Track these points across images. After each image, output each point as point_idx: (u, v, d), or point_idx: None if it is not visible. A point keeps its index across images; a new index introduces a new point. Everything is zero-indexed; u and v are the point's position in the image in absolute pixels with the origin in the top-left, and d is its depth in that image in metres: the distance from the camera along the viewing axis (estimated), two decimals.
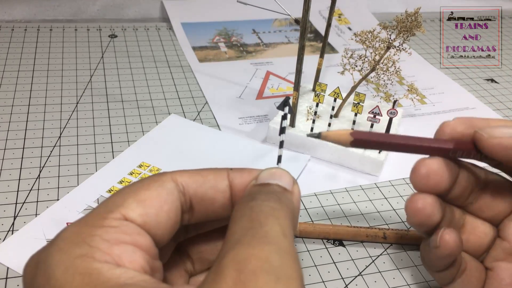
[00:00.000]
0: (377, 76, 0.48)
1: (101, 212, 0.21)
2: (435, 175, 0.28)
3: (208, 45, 0.71)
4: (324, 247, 0.39)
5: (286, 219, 0.21)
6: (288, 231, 0.21)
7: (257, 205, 0.22)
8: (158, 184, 0.22)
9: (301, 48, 0.45)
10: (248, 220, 0.21)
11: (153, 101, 0.57)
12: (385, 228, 0.40)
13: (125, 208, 0.21)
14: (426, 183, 0.28)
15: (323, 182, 0.47)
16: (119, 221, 0.20)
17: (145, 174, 0.45)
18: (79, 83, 0.59)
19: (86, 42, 0.68)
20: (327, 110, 0.52)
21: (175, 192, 0.23)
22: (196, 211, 0.24)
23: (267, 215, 0.21)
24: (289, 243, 0.20)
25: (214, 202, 0.24)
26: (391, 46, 0.47)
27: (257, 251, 0.19)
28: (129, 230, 0.20)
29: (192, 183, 0.23)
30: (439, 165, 0.28)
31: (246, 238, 0.19)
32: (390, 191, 0.46)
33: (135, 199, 0.21)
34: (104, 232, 0.20)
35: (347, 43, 0.75)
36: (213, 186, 0.24)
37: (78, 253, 0.19)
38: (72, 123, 0.51)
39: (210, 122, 0.54)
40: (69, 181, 0.44)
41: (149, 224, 0.21)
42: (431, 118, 0.59)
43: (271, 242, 0.19)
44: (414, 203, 0.28)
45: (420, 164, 0.29)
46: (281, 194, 0.23)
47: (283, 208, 0.22)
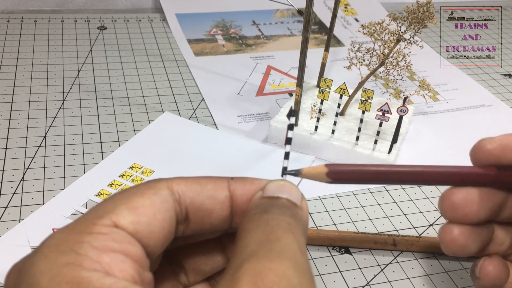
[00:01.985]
0: (386, 71, 0.48)
1: (90, 218, 0.21)
2: (463, 207, 0.28)
3: (204, 38, 0.71)
4: (329, 255, 0.40)
5: (302, 236, 0.22)
6: (303, 248, 0.21)
7: (273, 218, 0.22)
8: (153, 192, 0.22)
9: (305, 41, 0.45)
10: (264, 233, 0.21)
11: (146, 98, 0.57)
12: (394, 235, 0.40)
13: (116, 215, 0.21)
14: (454, 215, 0.28)
15: (328, 185, 0.46)
16: (109, 228, 0.20)
17: (137, 177, 0.45)
18: (65, 79, 0.59)
19: (74, 35, 0.68)
20: (333, 107, 0.52)
21: (170, 201, 0.23)
22: (192, 222, 0.24)
23: (285, 230, 0.21)
24: (305, 260, 0.20)
25: (211, 213, 0.24)
26: (401, 38, 0.47)
27: (275, 266, 0.19)
28: (120, 238, 0.20)
29: (189, 192, 0.23)
30: (466, 196, 0.28)
31: (262, 251, 0.20)
32: (401, 194, 0.46)
33: (127, 206, 0.21)
34: (93, 239, 0.20)
35: (354, 35, 0.75)
36: (212, 196, 0.24)
37: (65, 261, 0.19)
38: (58, 122, 0.52)
39: (206, 121, 0.54)
40: (55, 184, 0.44)
41: (141, 233, 0.21)
42: (444, 116, 0.59)
43: (289, 258, 0.20)
44: (445, 233, 0.28)
45: (446, 194, 0.28)
46: (294, 210, 0.23)
47: (299, 225, 0.22)
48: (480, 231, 0.29)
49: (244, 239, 0.21)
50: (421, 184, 0.27)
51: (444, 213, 0.28)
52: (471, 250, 0.29)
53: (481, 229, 0.29)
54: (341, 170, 0.27)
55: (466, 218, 0.28)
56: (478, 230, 0.29)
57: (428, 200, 0.46)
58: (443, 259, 0.40)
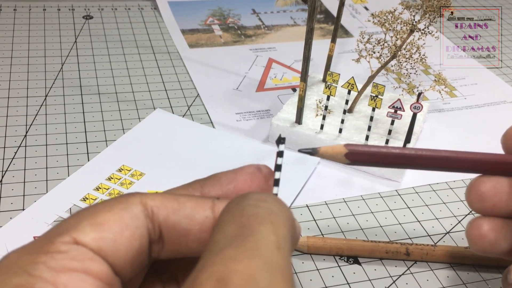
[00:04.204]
0: (399, 64, 0.48)
1: (49, 236, 0.21)
2: (492, 197, 0.28)
3: (199, 28, 0.71)
4: (337, 265, 0.40)
5: (284, 227, 0.21)
6: (284, 242, 0.20)
7: (249, 206, 0.21)
8: (123, 207, 0.22)
9: (309, 31, 0.45)
10: (238, 226, 0.20)
11: (135, 94, 0.57)
12: (408, 243, 0.40)
13: (77, 231, 0.21)
14: (482, 205, 0.28)
15: (335, 188, 0.47)
16: (69, 246, 0.21)
17: (126, 180, 0.45)
18: (48, 73, 0.59)
19: (57, 25, 0.68)
20: (340, 104, 0.52)
21: (141, 217, 0.23)
22: (167, 243, 0.23)
23: (262, 220, 0.20)
24: (282, 257, 0.20)
25: (188, 235, 0.23)
26: (415, 29, 0.47)
27: (241, 267, 0.18)
28: (80, 255, 0.20)
29: (164, 209, 0.23)
30: (496, 185, 0.28)
31: (230, 248, 0.19)
32: (414, 199, 0.46)
33: (91, 222, 0.22)
34: (50, 258, 0.20)
35: (363, 25, 0.75)
36: (189, 215, 0.23)
37: (15, 283, 0.19)
38: (40, 120, 0.52)
39: (202, 118, 0.54)
40: (36, 187, 0.44)
41: (105, 250, 0.21)
42: (462, 114, 0.59)
43: (260, 256, 0.19)
44: (473, 228, 0.28)
45: (474, 183, 0.29)
46: (276, 197, 0.23)
47: (282, 213, 0.21)
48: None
49: (215, 234, 0.21)
50: (445, 171, 0.27)
51: (471, 203, 0.29)
52: (503, 248, 0.29)
53: None
54: (362, 151, 0.26)
55: (495, 209, 0.28)
56: (511, 225, 0.29)
57: (444, 206, 0.46)
58: (461, 270, 0.40)
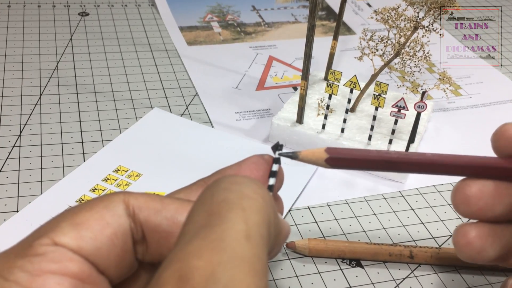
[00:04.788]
0: (402, 62, 0.48)
1: (28, 240, 0.21)
2: (478, 200, 0.28)
3: (198, 25, 0.71)
4: (339, 268, 0.40)
5: (258, 214, 0.20)
6: (255, 231, 0.19)
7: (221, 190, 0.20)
8: (104, 205, 0.23)
9: (311, 29, 0.45)
10: (206, 214, 0.20)
11: (132, 93, 0.57)
12: (412, 246, 0.40)
13: (56, 232, 0.21)
14: (467, 209, 0.28)
15: (337, 190, 0.47)
16: (47, 247, 0.21)
17: (123, 180, 0.45)
18: (43, 71, 0.59)
19: (52, 22, 0.68)
20: (342, 103, 0.52)
21: (123, 216, 0.23)
22: (150, 244, 0.23)
23: (231, 206, 0.19)
24: (252, 248, 0.18)
25: (170, 237, 0.23)
26: (419, 26, 0.47)
27: (203, 263, 0.17)
28: (58, 256, 0.21)
29: (146, 209, 0.23)
30: (482, 188, 0.28)
31: (196, 241, 0.18)
32: (418, 200, 0.46)
33: (71, 222, 0.22)
34: (27, 262, 0.20)
35: (366, 22, 0.75)
36: (171, 217, 0.23)
37: None
38: (34, 119, 0.52)
39: (201, 118, 0.54)
40: (31, 188, 0.44)
41: (86, 249, 0.21)
42: (468, 113, 0.59)
43: (224, 248, 0.18)
44: (460, 235, 0.28)
45: (459, 186, 0.28)
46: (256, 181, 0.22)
47: (257, 197, 0.20)
48: (500, 234, 0.29)
49: (185, 225, 0.20)
50: (431, 174, 0.28)
51: (456, 207, 0.29)
52: (490, 256, 0.28)
53: (502, 232, 0.29)
54: (343, 157, 0.27)
55: (481, 213, 0.28)
56: (498, 232, 0.28)
57: (449, 207, 0.46)
58: (466, 273, 0.40)
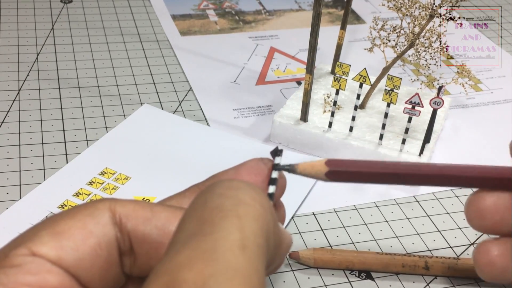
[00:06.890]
0: (417, 54, 0.48)
1: (4, 250, 0.21)
2: (493, 215, 0.28)
3: (192, 13, 0.71)
4: (347, 281, 0.40)
5: (255, 222, 0.20)
6: (251, 241, 0.19)
7: (215, 196, 0.21)
8: (88, 213, 0.22)
9: (316, 17, 0.44)
10: (199, 222, 0.20)
11: (120, 87, 0.57)
12: (427, 256, 0.40)
13: (34, 242, 0.21)
14: (481, 223, 0.28)
15: (345, 194, 0.47)
16: (24, 258, 0.21)
17: (110, 184, 0.45)
18: (21, 64, 0.59)
19: (31, 9, 0.68)
20: (351, 99, 0.52)
21: (108, 225, 0.22)
22: (139, 257, 0.23)
23: (226, 213, 0.20)
24: (246, 260, 0.18)
25: (160, 248, 0.23)
26: (435, 14, 0.47)
27: (192, 275, 0.17)
28: (36, 268, 0.21)
29: (134, 218, 0.23)
30: (497, 201, 0.28)
31: (186, 251, 0.18)
32: (434, 206, 0.46)
33: (51, 231, 0.22)
34: (2, 274, 0.20)
35: (376, 10, 0.75)
36: (162, 226, 0.23)
37: None
38: (12, 117, 0.51)
39: (195, 115, 0.54)
40: (8, 193, 0.44)
41: (66, 259, 0.21)
42: (488, 110, 0.59)
43: (216, 260, 0.18)
44: (481, 253, 0.29)
45: (472, 198, 0.29)
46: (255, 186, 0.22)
47: (254, 204, 0.20)
48: None
49: (175, 233, 0.20)
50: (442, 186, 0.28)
51: (470, 221, 0.29)
52: None
53: None
54: (344, 171, 0.27)
55: (496, 228, 0.28)
56: None
57: None
58: (486, 285, 0.40)
